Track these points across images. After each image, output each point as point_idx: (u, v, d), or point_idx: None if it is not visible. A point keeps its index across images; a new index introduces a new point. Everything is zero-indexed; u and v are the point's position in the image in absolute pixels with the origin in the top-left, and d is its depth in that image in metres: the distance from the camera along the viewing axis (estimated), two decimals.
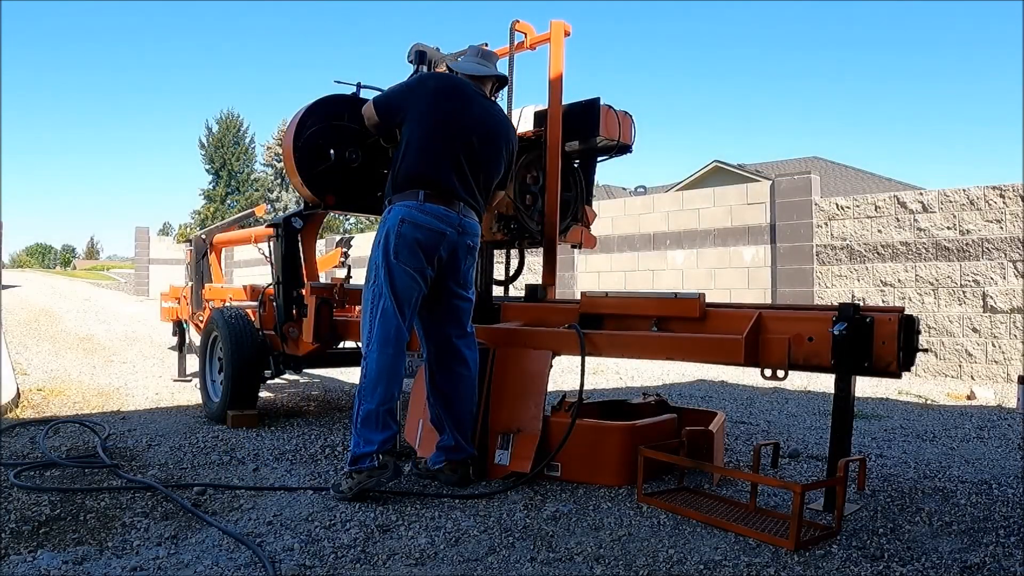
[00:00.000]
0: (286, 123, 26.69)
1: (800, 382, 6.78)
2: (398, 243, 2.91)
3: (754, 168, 22.87)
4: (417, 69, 4.06)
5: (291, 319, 4.33)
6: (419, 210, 2.93)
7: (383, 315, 2.90)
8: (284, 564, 2.18)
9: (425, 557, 2.26)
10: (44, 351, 8.38)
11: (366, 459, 2.78)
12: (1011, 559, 2.29)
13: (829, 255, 8.51)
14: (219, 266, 6.77)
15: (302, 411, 4.96)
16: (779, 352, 2.73)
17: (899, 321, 2.54)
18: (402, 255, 2.90)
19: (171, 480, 3.11)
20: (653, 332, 3.17)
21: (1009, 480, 3.28)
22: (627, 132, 4.32)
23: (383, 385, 2.85)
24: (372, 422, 2.81)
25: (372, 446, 2.78)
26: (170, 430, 4.20)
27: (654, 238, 10.30)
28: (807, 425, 4.71)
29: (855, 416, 4.14)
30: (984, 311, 7.38)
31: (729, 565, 2.21)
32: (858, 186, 20.97)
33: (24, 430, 4.12)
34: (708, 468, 3.06)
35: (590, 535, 2.46)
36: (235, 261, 20.14)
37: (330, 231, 32.76)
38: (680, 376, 7.58)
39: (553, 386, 4.19)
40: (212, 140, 47.60)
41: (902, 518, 2.68)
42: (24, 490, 2.88)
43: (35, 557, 2.21)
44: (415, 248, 2.91)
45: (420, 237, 2.92)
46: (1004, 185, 7.34)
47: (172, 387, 6.02)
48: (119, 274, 37.72)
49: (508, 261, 4.59)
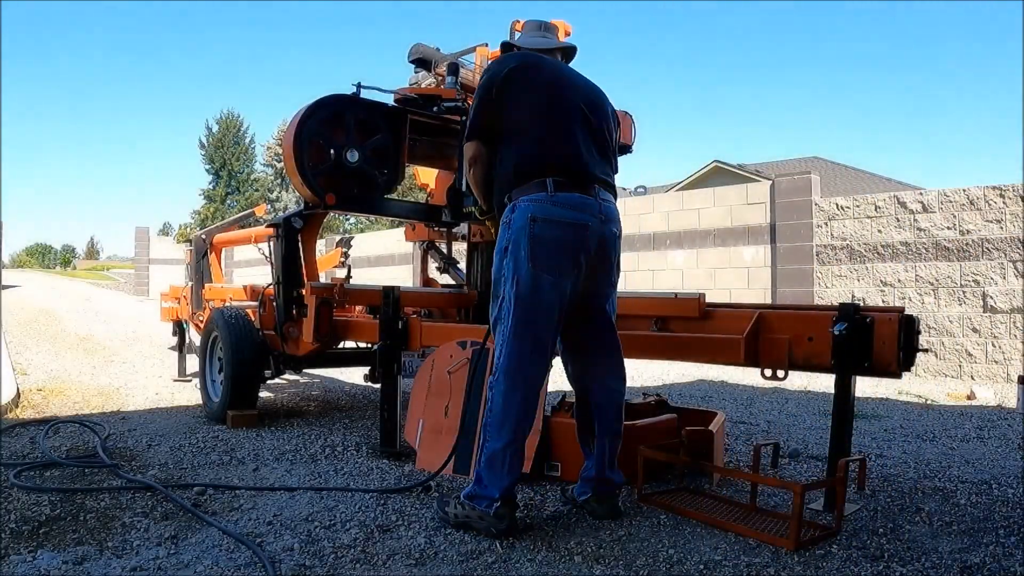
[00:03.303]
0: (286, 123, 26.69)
1: (800, 382, 6.78)
2: (533, 246, 2.42)
3: (754, 168, 22.86)
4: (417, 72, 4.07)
5: (291, 319, 4.33)
6: (551, 202, 2.47)
7: (513, 339, 2.45)
8: (284, 564, 2.18)
9: (425, 557, 2.26)
10: (44, 351, 8.38)
11: (484, 501, 2.42)
12: (1011, 559, 2.29)
13: (829, 255, 8.51)
14: (219, 266, 6.77)
15: (302, 411, 4.96)
16: (779, 352, 2.73)
17: (899, 321, 2.54)
18: (540, 260, 2.42)
19: (171, 480, 3.11)
20: (653, 332, 3.17)
21: (1009, 480, 3.28)
22: (627, 132, 4.33)
23: (511, 422, 2.43)
24: (497, 464, 2.42)
25: (495, 491, 2.40)
26: (170, 430, 4.20)
27: (654, 238, 10.30)
28: (807, 425, 4.71)
29: (855, 416, 4.14)
30: (984, 311, 7.38)
31: (729, 565, 2.21)
32: (858, 186, 20.96)
33: (24, 430, 4.12)
34: (708, 468, 3.06)
35: (590, 535, 2.46)
36: (235, 261, 20.14)
37: (330, 231, 32.74)
38: (680, 376, 7.58)
39: (553, 386, 4.19)
40: (212, 140, 47.59)
41: (902, 518, 2.68)
42: (24, 490, 2.88)
43: (35, 557, 2.21)
44: (554, 250, 2.44)
45: (559, 235, 2.45)
46: (1004, 185, 7.34)
47: (172, 387, 6.02)
48: (119, 274, 37.73)
49: None
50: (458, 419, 3.27)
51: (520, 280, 2.43)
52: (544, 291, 2.43)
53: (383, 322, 3.65)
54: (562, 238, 2.45)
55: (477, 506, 2.43)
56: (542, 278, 2.43)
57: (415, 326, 3.69)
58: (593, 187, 2.54)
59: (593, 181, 2.55)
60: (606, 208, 2.57)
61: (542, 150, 2.53)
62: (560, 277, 2.45)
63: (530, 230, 2.43)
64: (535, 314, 2.44)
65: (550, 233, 2.44)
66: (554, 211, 2.46)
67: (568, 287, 2.49)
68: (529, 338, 2.45)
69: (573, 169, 2.52)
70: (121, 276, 34.50)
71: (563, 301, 2.49)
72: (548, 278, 2.43)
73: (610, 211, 2.59)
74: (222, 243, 6.69)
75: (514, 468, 2.44)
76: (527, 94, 2.58)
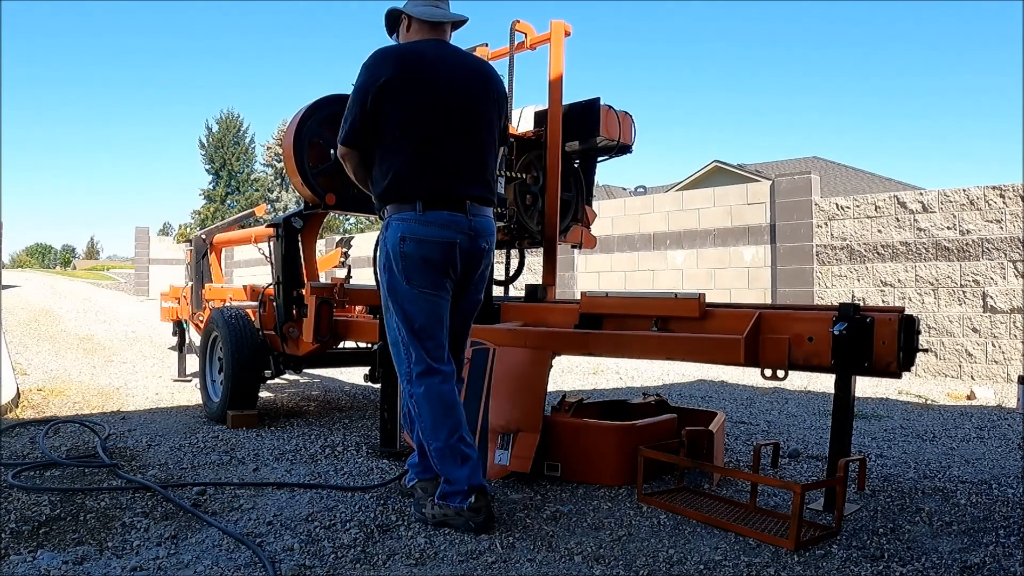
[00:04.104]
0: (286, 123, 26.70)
1: (800, 382, 6.78)
2: (406, 266, 2.55)
3: (754, 168, 22.88)
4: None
5: (291, 319, 4.33)
6: (420, 222, 2.56)
7: (412, 347, 2.59)
8: (284, 564, 2.18)
9: (425, 557, 2.26)
10: (44, 351, 8.38)
11: (456, 497, 2.49)
12: (1011, 559, 2.29)
13: (829, 255, 8.51)
14: (219, 266, 6.77)
15: (302, 411, 4.96)
16: (779, 352, 2.73)
17: (899, 321, 2.54)
18: (414, 278, 2.56)
19: (171, 480, 3.11)
20: (653, 332, 3.17)
21: (1009, 480, 3.28)
22: (627, 132, 4.33)
23: (440, 418, 2.53)
24: (449, 458, 2.51)
25: (461, 485, 2.47)
26: (170, 430, 4.20)
27: (654, 238, 10.30)
28: (807, 425, 4.71)
29: (855, 416, 4.14)
30: (984, 311, 7.38)
31: (729, 565, 2.21)
32: (858, 186, 20.97)
33: (24, 430, 4.12)
34: (708, 468, 3.06)
35: (590, 535, 2.46)
36: (235, 261, 20.13)
37: (330, 231, 32.76)
38: (680, 376, 7.58)
39: (553, 386, 4.19)
40: (212, 140, 47.61)
41: (902, 518, 2.68)
42: (24, 490, 2.88)
43: (35, 557, 2.21)
44: (424, 268, 2.55)
45: (426, 254, 2.55)
46: (1004, 185, 7.34)
47: (172, 387, 6.02)
48: (119, 274, 37.72)
49: (508, 261, 4.59)
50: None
51: (402, 296, 2.58)
52: (426, 301, 2.58)
53: (383, 322, 3.64)
54: (429, 257, 2.55)
55: (451, 503, 2.49)
56: (421, 292, 2.57)
57: None
58: (464, 203, 2.60)
59: (464, 197, 2.60)
60: (476, 223, 2.64)
61: (413, 169, 2.57)
62: (437, 289, 2.59)
63: (400, 249, 2.55)
64: (424, 322, 2.58)
65: (419, 252, 2.55)
66: (421, 231, 2.55)
67: (444, 293, 2.62)
68: (430, 342, 2.59)
69: (444, 187, 2.58)
70: (121, 276, 34.49)
71: (442, 305, 2.63)
72: (426, 291, 2.57)
73: (481, 226, 2.66)
74: (222, 243, 6.69)
75: (467, 456, 2.53)
76: (401, 110, 2.57)
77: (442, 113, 2.60)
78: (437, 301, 2.60)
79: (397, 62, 2.58)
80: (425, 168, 2.57)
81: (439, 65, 2.63)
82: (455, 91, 2.64)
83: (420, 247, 2.54)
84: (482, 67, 2.79)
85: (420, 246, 2.54)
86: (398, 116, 2.57)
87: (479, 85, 2.71)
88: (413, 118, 2.57)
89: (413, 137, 2.57)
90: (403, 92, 2.56)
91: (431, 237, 2.55)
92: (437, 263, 2.56)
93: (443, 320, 2.63)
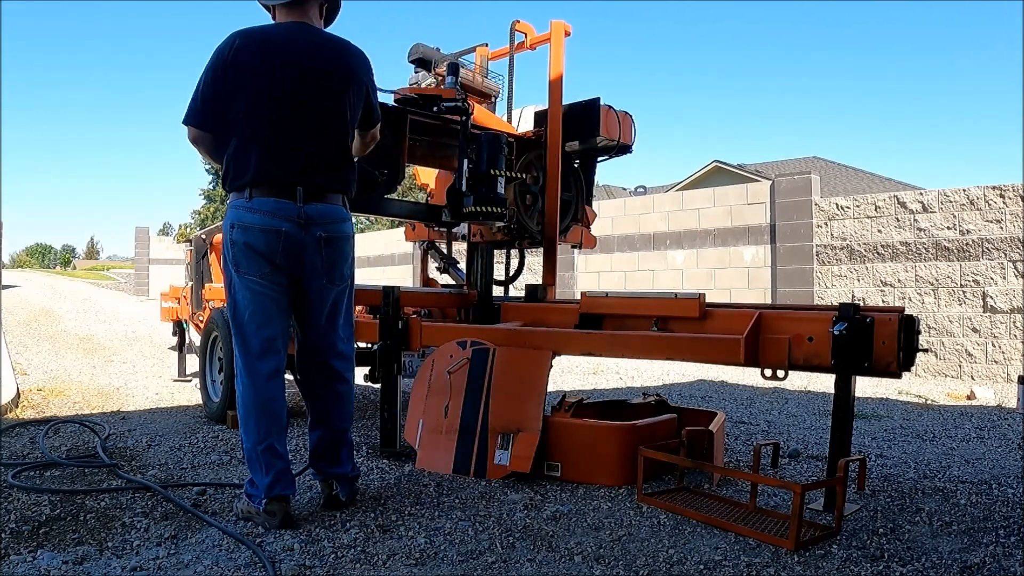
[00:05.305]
0: None
1: (800, 382, 6.78)
2: (235, 252, 2.51)
3: (754, 168, 22.88)
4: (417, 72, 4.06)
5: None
6: (247, 209, 2.51)
7: (240, 338, 2.55)
8: (284, 564, 2.18)
9: (425, 557, 2.26)
10: (44, 351, 8.38)
11: (255, 499, 2.53)
12: (1011, 559, 2.29)
13: (829, 255, 8.51)
14: (219, 266, 6.77)
15: (302, 411, 4.95)
16: (779, 352, 2.73)
17: (899, 321, 2.54)
18: (243, 266, 2.51)
19: (171, 480, 3.11)
20: (653, 332, 3.17)
21: (1009, 480, 3.28)
22: (627, 132, 4.34)
23: (254, 419, 2.52)
24: (254, 463, 2.53)
25: (259, 491, 2.51)
26: (170, 430, 4.20)
27: (654, 238, 10.30)
28: (807, 425, 4.71)
29: (855, 416, 4.14)
30: (984, 311, 7.38)
31: (729, 565, 2.21)
32: (858, 186, 20.97)
33: (24, 430, 4.12)
34: (708, 468, 3.06)
35: (590, 535, 2.46)
36: None
37: None
38: (680, 376, 7.58)
39: (553, 386, 4.19)
40: None
41: (902, 518, 2.68)
42: (24, 490, 2.88)
43: (35, 557, 2.21)
44: (252, 255, 2.50)
45: (251, 240, 2.49)
46: (1004, 185, 7.34)
47: (172, 387, 6.02)
48: (119, 274, 37.74)
49: (508, 261, 4.60)
50: (458, 419, 3.27)
51: (233, 285, 2.55)
52: (254, 292, 2.52)
53: (383, 322, 3.65)
54: (254, 244, 2.50)
55: (252, 503, 2.55)
56: (249, 280, 2.52)
57: (415, 326, 3.69)
58: (294, 190, 2.52)
59: (295, 184, 2.53)
60: (310, 210, 2.55)
61: (246, 155, 2.52)
62: (264, 279, 2.52)
63: (230, 237, 2.53)
64: (253, 314, 2.53)
65: (243, 239, 2.50)
66: (247, 217, 2.50)
67: (279, 285, 2.55)
68: (254, 337, 2.54)
69: (272, 173, 2.51)
70: (121, 276, 34.51)
71: (279, 298, 2.56)
72: (254, 279, 2.51)
73: (317, 213, 2.56)
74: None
75: (271, 466, 2.51)
76: (242, 93, 2.51)
77: (284, 97, 2.53)
78: (265, 291, 2.53)
79: (243, 44, 2.53)
80: (255, 154, 2.52)
81: (289, 48, 2.56)
82: (303, 74, 2.55)
83: (245, 234, 2.50)
84: (343, 50, 2.68)
85: (245, 233, 2.50)
86: (240, 100, 2.52)
87: (334, 68, 2.61)
88: (253, 102, 2.52)
89: (251, 122, 2.52)
90: (246, 76, 2.51)
91: (255, 224, 2.50)
92: (261, 250, 2.50)
93: (274, 313, 2.56)
